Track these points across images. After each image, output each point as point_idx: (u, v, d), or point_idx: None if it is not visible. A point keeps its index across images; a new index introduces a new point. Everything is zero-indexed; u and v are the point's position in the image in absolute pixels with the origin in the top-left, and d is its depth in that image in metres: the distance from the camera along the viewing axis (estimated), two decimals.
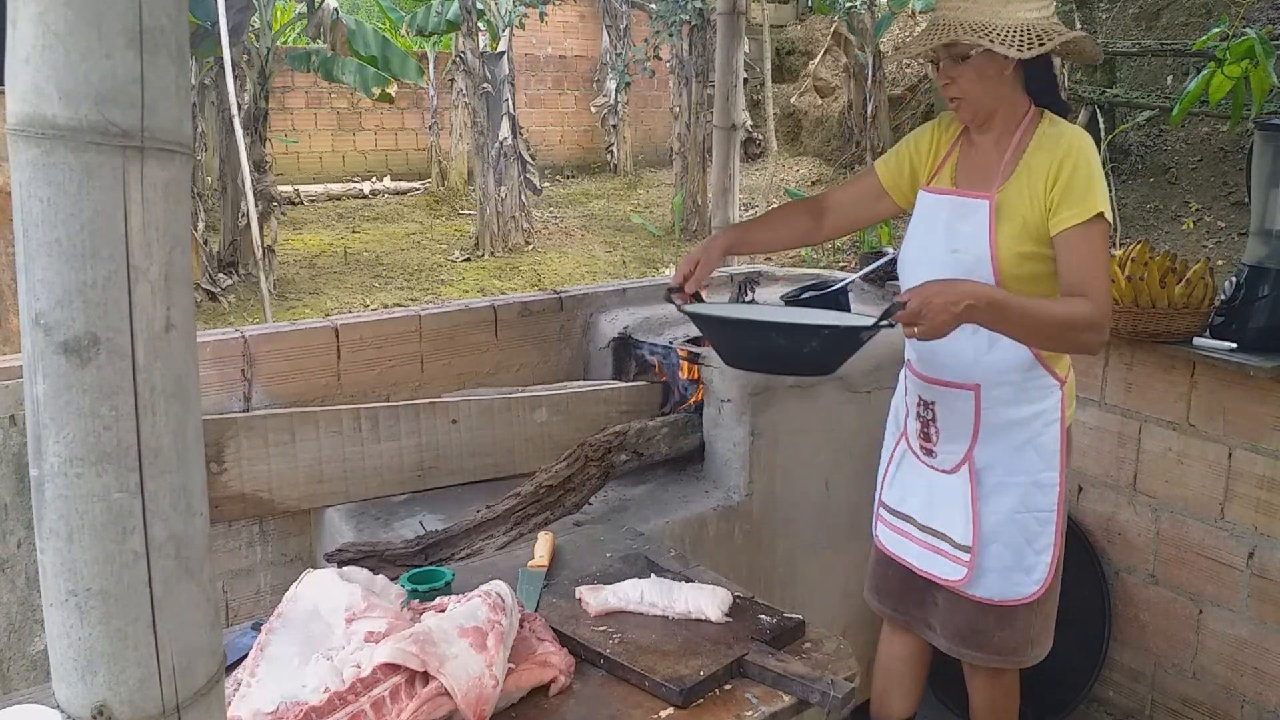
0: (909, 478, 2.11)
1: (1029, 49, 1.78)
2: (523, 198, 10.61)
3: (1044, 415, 1.94)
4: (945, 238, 1.94)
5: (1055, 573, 2.00)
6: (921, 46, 1.87)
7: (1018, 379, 1.93)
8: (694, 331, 2.61)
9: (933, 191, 2.02)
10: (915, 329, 1.74)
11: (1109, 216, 1.83)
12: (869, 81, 11.52)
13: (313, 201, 12.01)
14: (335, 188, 12.37)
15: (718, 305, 2.43)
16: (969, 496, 1.97)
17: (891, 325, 1.82)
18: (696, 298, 2.13)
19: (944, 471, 2.02)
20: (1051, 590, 2.02)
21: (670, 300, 2.12)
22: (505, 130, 10.46)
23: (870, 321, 1.86)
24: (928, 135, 2.10)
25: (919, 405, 2.05)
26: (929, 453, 2.05)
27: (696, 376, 2.55)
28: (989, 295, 1.76)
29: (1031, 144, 1.89)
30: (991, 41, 1.78)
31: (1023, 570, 1.98)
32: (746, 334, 1.99)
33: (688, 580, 1.67)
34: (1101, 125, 8.22)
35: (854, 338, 1.90)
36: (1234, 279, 2.51)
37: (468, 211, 11.57)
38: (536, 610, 1.60)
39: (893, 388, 2.26)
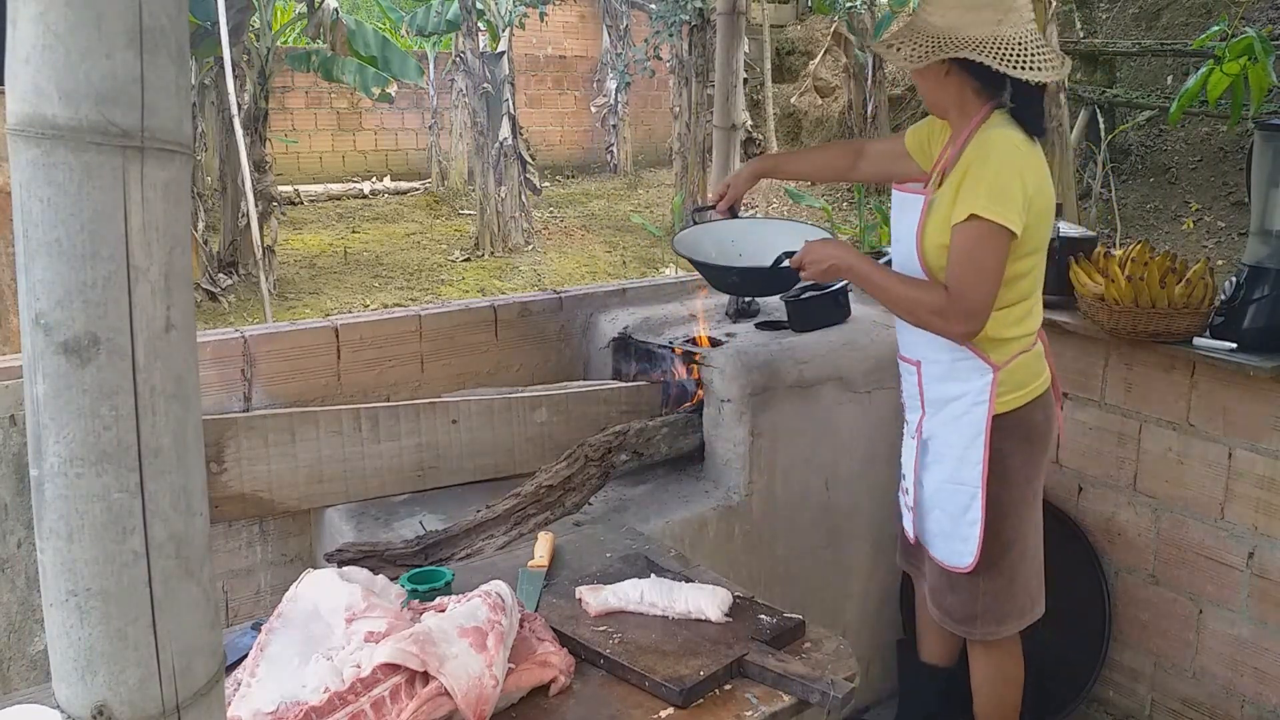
0: (905, 445, 2.33)
1: (921, 60, 1.94)
2: (523, 198, 10.61)
3: (972, 395, 2.08)
4: (895, 227, 2.18)
5: (1000, 554, 2.12)
6: (900, 62, 2.05)
7: (947, 358, 2.09)
8: (693, 332, 2.67)
9: (896, 188, 2.24)
10: (802, 271, 2.13)
11: (993, 218, 1.90)
12: (869, 81, 11.52)
13: (313, 201, 12.02)
14: (335, 188, 12.38)
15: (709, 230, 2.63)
16: (914, 463, 2.21)
17: (786, 269, 2.18)
18: (733, 214, 2.50)
19: (910, 438, 2.26)
20: (998, 570, 2.13)
21: (694, 220, 2.56)
22: (505, 130, 10.46)
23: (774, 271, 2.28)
24: (920, 134, 2.30)
25: (899, 379, 2.30)
26: (905, 422, 2.29)
27: (696, 376, 2.55)
28: (850, 261, 2.09)
29: (969, 145, 2.02)
30: (888, 49, 2.00)
31: (959, 539, 2.14)
32: (707, 271, 2.41)
33: (688, 580, 1.67)
34: (1101, 125, 8.22)
35: (763, 273, 2.27)
36: (1234, 279, 2.50)
37: (468, 211, 11.57)
38: (536, 610, 1.60)
39: (892, 387, 2.31)
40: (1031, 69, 1.90)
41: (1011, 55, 1.89)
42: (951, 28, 1.92)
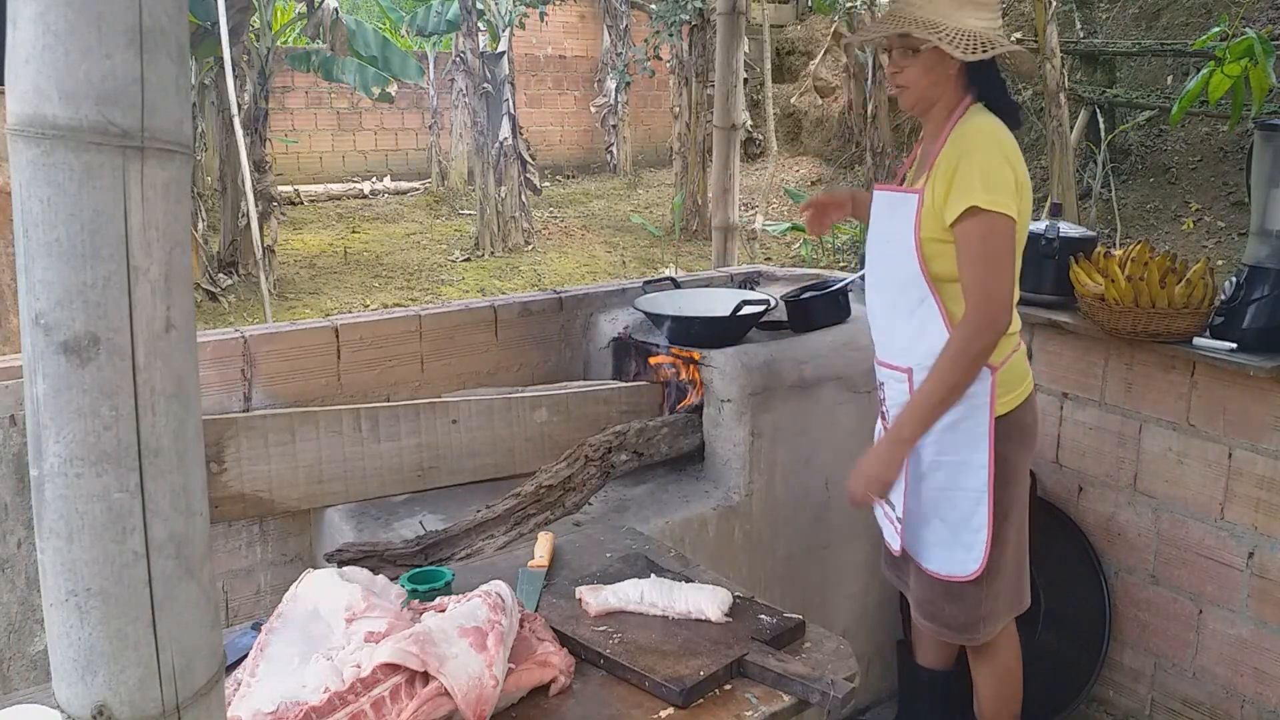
0: None
1: (973, 53, 1.94)
2: (523, 198, 10.61)
3: (971, 399, 2.03)
4: (883, 229, 2.12)
5: (1000, 554, 2.10)
6: (877, 34, 2.04)
7: None
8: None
9: (878, 188, 2.20)
10: (867, 493, 2.07)
11: (994, 207, 1.91)
12: (869, 81, 11.52)
13: (313, 201, 12.01)
14: (335, 188, 12.37)
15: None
16: (903, 471, 2.11)
17: (744, 316, 2.44)
18: (675, 284, 2.80)
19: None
20: (999, 571, 2.11)
21: (645, 290, 2.81)
22: (505, 130, 10.46)
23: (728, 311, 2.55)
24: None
25: (878, 385, 2.23)
26: (885, 429, 2.19)
27: (696, 376, 2.55)
28: (895, 435, 2.04)
29: (950, 138, 2.01)
30: (941, 40, 1.93)
31: (962, 547, 2.09)
32: (669, 323, 2.60)
33: (688, 580, 1.67)
34: (1101, 125, 8.22)
35: (722, 321, 2.55)
36: (1234, 279, 2.50)
37: (468, 211, 11.57)
38: (536, 610, 1.60)
39: None
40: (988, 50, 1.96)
41: (980, 46, 1.96)
42: (940, 16, 1.95)
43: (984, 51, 1.94)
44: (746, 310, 2.57)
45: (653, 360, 2.68)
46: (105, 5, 0.65)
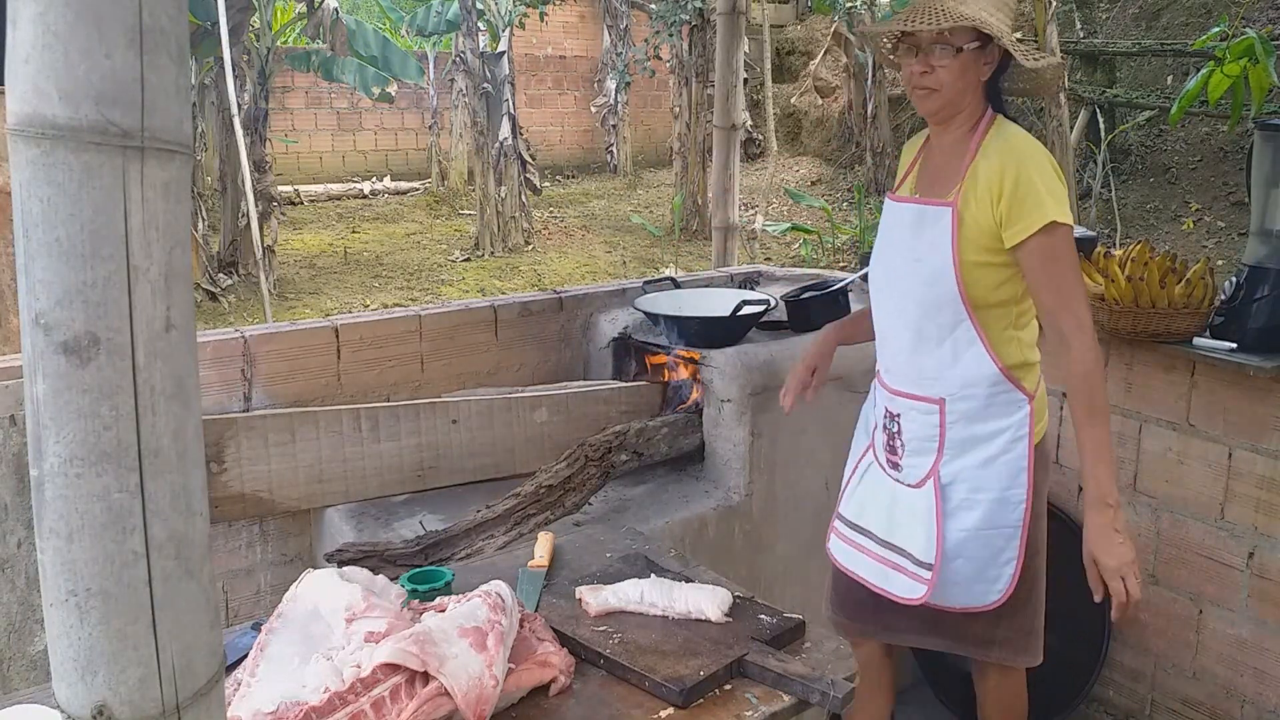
0: (872, 490, 2.04)
1: (1032, 60, 1.83)
2: (523, 198, 10.61)
3: (1011, 431, 1.89)
4: (909, 246, 1.90)
5: (1024, 583, 1.94)
6: (925, 26, 1.77)
7: (984, 393, 1.88)
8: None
9: (896, 199, 1.98)
10: (1135, 578, 1.79)
11: (1066, 220, 1.80)
12: (869, 81, 11.52)
13: (313, 201, 12.01)
14: (335, 188, 12.38)
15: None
16: (934, 512, 1.91)
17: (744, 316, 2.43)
18: (675, 284, 2.80)
19: (909, 485, 1.96)
20: (1023, 601, 1.97)
21: (645, 289, 2.82)
22: (505, 130, 10.46)
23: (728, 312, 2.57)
24: (906, 152, 2.10)
25: (885, 416, 2.01)
26: (895, 466, 1.99)
27: (696, 376, 2.55)
28: (1106, 502, 1.79)
29: (981, 150, 1.86)
30: (1008, 42, 1.79)
31: (985, 581, 1.93)
32: (669, 323, 2.65)
33: (688, 580, 1.67)
34: (1101, 125, 8.22)
35: (722, 320, 2.56)
36: (1234, 279, 2.50)
37: (468, 211, 11.57)
38: (536, 610, 1.60)
39: None
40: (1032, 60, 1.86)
41: (1032, 55, 1.86)
42: (989, 15, 1.78)
43: (1036, 60, 1.82)
44: (746, 310, 2.57)
45: (652, 360, 2.68)
46: (105, 5, 0.65)
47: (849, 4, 10.82)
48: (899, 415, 1.97)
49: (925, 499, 1.92)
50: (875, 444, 2.06)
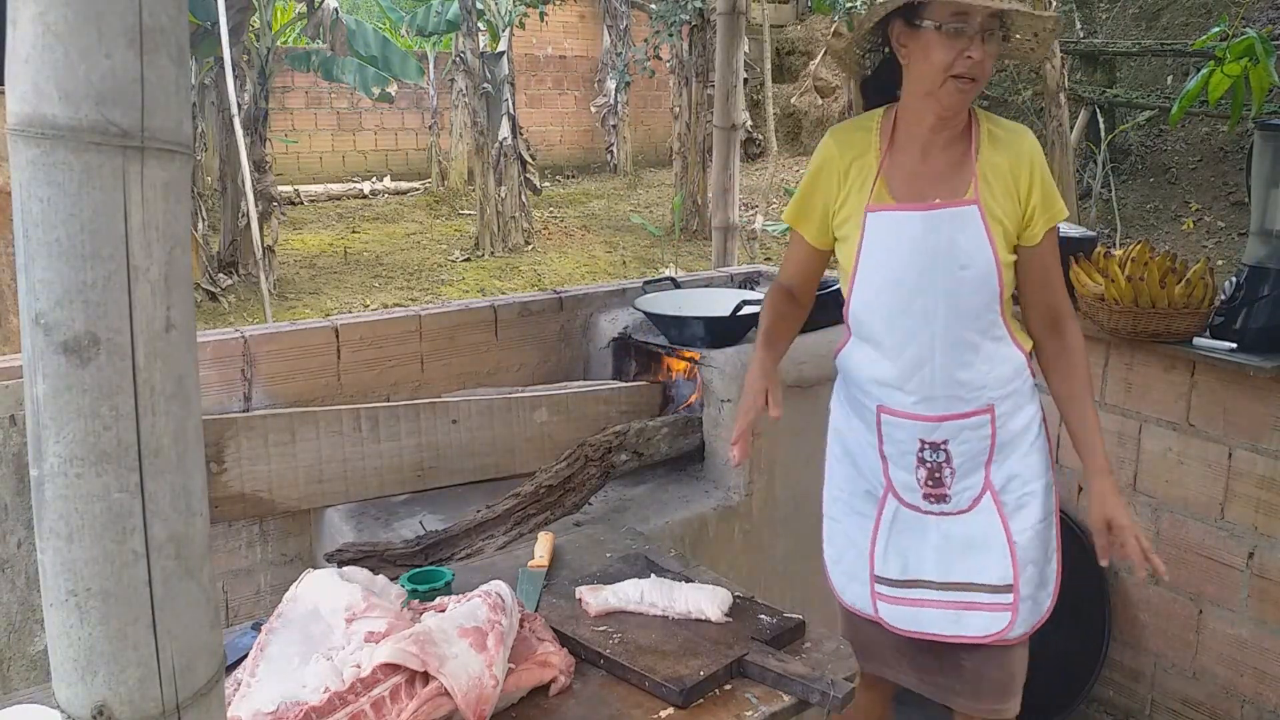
0: (910, 539, 1.87)
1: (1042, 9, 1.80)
2: (523, 198, 10.61)
3: (1037, 415, 1.87)
4: (944, 255, 1.73)
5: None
6: (1011, 4, 1.63)
7: (1017, 385, 1.83)
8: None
9: (893, 209, 1.77)
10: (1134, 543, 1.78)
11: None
12: None
13: (313, 201, 12.01)
14: (335, 188, 12.38)
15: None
16: (999, 525, 1.81)
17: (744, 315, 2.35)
18: (675, 284, 2.80)
19: (959, 513, 1.83)
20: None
21: (645, 289, 2.83)
22: (505, 130, 10.46)
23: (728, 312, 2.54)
24: (831, 166, 1.84)
25: (923, 450, 1.83)
26: (940, 499, 1.84)
27: (696, 376, 2.55)
28: (1109, 471, 1.83)
29: (983, 142, 1.77)
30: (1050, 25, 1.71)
31: (1045, 586, 1.87)
32: (670, 323, 2.66)
33: (688, 580, 1.67)
34: (1101, 125, 8.22)
35: (723, 320, 2.56)
36: (1234, 279, 2.50)
37: (468, 211, 11.57)
38: (536, 610, 1.60)
39: None
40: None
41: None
42: None
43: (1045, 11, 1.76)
44: (746, 310, 2.57)
45: (653, 360, 2.68)
46: (105, 5, 0.65)
47: (849, 4, 10.82)
48: (944, 443, 1.81)
49: (984, 515, 1.83)
50: (896, 486, 1.88)
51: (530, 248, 10.42)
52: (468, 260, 9.87)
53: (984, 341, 1.78)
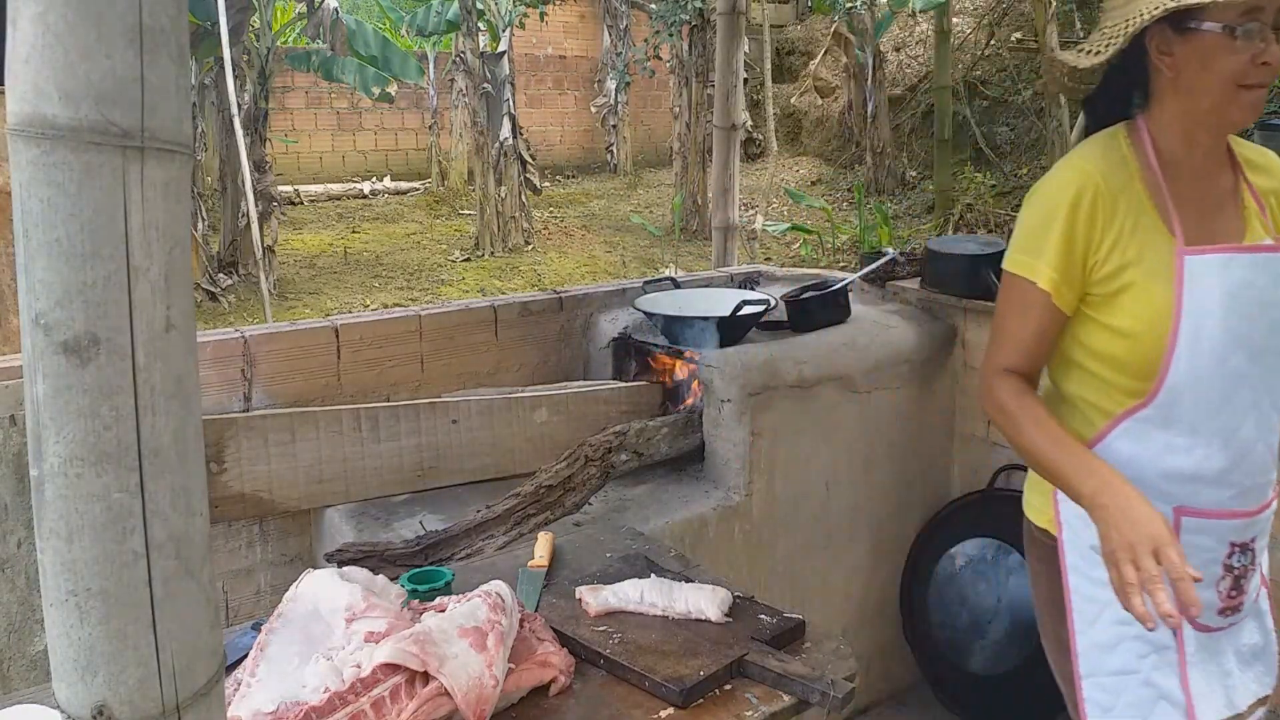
0: (1212, 672, 1.50)
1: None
2: (523, 198, 10.61)
3: None
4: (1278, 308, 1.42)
5: None
6: None
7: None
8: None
9: (1221, 251, 1.42)
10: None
11: None
12: (869, 81, 11.52)
13: (313, 201, 12.02)
14: (335, 188, 12.38)
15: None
16: (1270, 619, 1.56)
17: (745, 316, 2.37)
18: (675, 284, 2.75)
19: (1241, 620, 1.53)
20: None
21: (645, 289, 2.79)
22: (505, 130, 10.47)
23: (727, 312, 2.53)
24: (1097, 202, 1.44)
25: (1232, 555, 1.48)
26: (1234, 610, 1.50)
27: (696, 376, 2.55)
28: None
29: (1244, 162, 1.51)
30: None
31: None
32: (669, 323, 2.66)
33: (688, 580, 1.67)
34: None
35: (724, 320, 2.54)
36: None
37: (468, 211, 11.57)
38: (536, 610, 1.60)
39: (893, 387, 2.22)
40: None
41: None
42: None
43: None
44: (746, 310, 2.57)
45: (652, 360, 2.68)
46: (105, 5, 0.65)
47: (849, 4, 10.83)
48: (1252, 541, 1.49)
49: (1258, 617, 1.56)
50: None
51: (530, 248, 10.43)
52: (468, 260, 9.88)
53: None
